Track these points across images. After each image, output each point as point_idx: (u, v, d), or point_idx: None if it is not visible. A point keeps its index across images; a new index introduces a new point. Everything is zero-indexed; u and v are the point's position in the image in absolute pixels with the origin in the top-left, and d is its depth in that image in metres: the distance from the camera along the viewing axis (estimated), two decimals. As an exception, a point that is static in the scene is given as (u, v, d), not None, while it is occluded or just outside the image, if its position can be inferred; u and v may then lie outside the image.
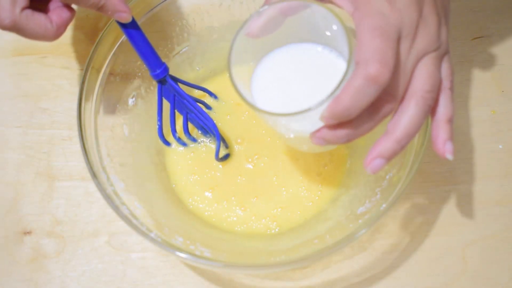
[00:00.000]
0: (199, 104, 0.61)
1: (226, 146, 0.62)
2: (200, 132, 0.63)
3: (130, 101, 0.60)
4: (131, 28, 0.53)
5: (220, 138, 0.59)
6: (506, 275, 0.56)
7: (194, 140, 0.62)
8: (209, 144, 0.63)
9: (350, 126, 0.42)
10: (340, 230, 0.51)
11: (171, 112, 0.60)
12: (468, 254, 0.57)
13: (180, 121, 0.62)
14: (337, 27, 0.43)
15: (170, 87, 0.58)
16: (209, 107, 0.64)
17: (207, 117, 0.59)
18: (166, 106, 0.59)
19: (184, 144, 0.62)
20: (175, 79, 0.58)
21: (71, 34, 0.70)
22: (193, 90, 0.63)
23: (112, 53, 0.57)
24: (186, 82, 0.61)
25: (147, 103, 0.62)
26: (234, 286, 0.57)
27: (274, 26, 0.47)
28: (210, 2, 0.62)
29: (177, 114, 0.60)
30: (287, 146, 0.61)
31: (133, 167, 0.57)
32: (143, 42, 0.54)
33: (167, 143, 0.62)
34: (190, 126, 0.62)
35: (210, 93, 0.64)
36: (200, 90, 0.63)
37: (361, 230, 0.48)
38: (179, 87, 0.58)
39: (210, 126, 0.59)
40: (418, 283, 0.56)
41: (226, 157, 0.61)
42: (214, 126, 0.59)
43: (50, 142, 0.65)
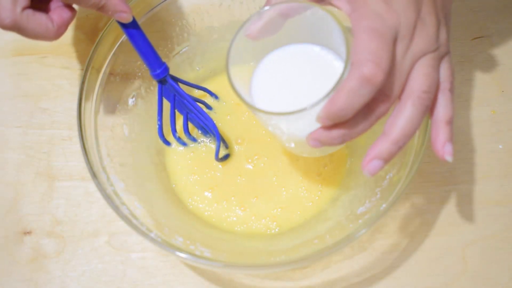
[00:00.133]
0: (199, 104, 0.61)
1: (226, 146, 0.62)
2: (200, 132, 0.63)
3: (130, 101, 0.60)
4: (132, 28, 0.53)
5: (220, 138, 0.59)
6: (506, 275, 0.56)
7: (194, 140, 0.62)
8: (209, 144, 0.63)
9: (345, 126, 0.42)
10: (340, 230, 0.51)
11: (171, 112, 0.60)
12: (468, 254, 0.57)
13: (180, 121, 0.62)
14: (335, 29, 0.43)
15: (171, 87, 0.58)
16: (209, 107, 0.64)
17: (207, 117, 0.60)
18: (166, 106, 0.59)
19: (184, 143, 0.62)
20: (176, 79, 0.58)
21: (71, 34, 0.70)
22: (193, 90, 0.63)
23: (112, 53, 0.57)
24: (186, 82, 0.61)
25: (147, 103, 0.62)
26: (234, 286, 0.57)
27: (273, 28, 0.47)
28: (210, 2, 0.62)
29: (177, 114, 0.60)
30: (287, 146, 0.62)
31: (133, 167, 0.57)
32: (144, 42, 0.54)
33: (167, 143, 0.62)
34: (190, 126, 0.62)
35: (211, 93, 0.64)
36: (200, 90, 0.63)
37: (361, 230, 0.48)
38: (180, 87, 0.58)
39: (210, 126, 0.59)
40: (418, 283, 0.56)
41: (226, 157, 0.61)
42: (214, 126, 0.59)
43: (50, 142, 0.65)
